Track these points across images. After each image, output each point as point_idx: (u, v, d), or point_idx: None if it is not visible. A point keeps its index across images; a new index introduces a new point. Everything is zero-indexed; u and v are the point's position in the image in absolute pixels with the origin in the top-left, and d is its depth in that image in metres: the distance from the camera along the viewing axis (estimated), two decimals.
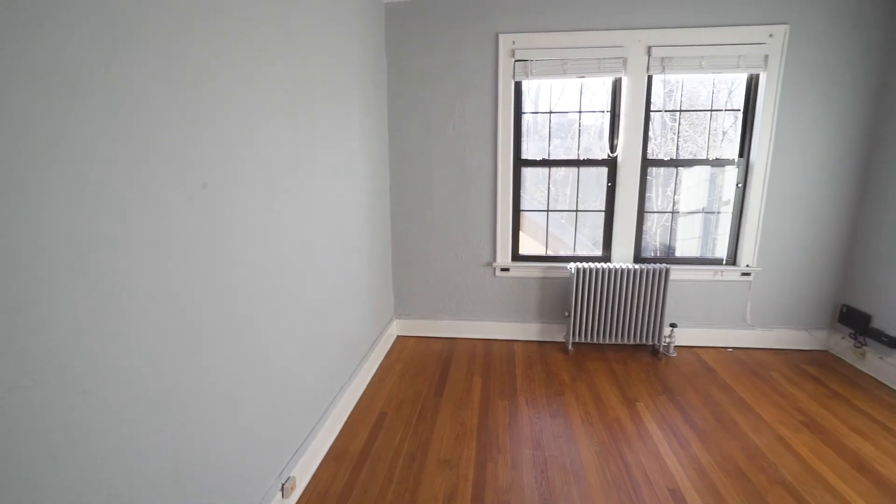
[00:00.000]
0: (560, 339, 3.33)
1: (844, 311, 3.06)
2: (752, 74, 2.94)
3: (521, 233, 3.33)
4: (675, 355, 3.12)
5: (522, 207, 3.28)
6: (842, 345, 3.08)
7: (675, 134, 3.18)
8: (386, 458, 2.08)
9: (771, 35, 2.81)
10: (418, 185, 3.24)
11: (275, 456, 1.68)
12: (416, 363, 3.03)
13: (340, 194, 2.31)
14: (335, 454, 2.11)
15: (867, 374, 2.85)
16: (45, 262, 0.84)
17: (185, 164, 1.18)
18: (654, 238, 3.33)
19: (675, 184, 3.22)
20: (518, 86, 3.08)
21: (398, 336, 3.46)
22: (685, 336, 3.25)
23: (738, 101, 3.04)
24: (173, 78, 1.14)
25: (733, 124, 3.09)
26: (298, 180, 1.83)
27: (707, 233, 3.31)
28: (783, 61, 2.84)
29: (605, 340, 3.13)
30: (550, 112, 3.18)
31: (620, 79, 2.99)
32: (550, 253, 3.34)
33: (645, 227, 3.25)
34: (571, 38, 2.91)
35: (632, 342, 3.12)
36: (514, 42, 2.95)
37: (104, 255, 0.96)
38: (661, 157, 3.14)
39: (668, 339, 3.14)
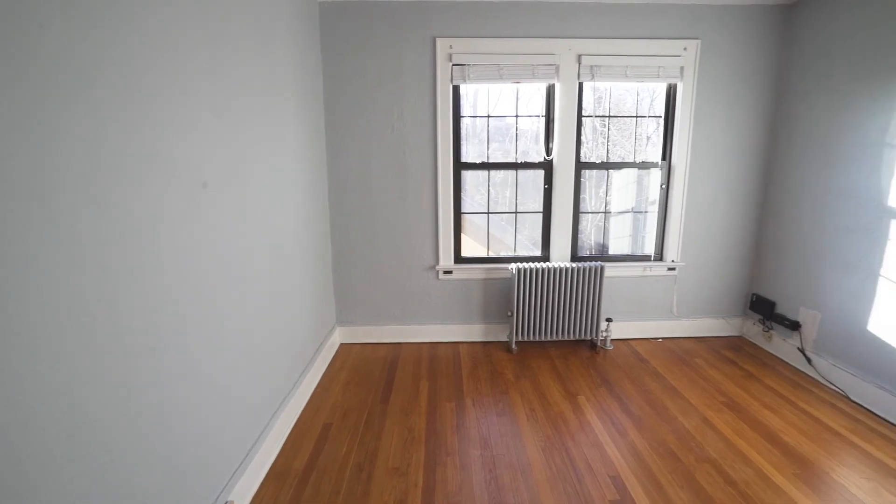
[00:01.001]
0: (504, 338, 3.40)
1: (754, 299, 3.37)
2: (670, 84, 3.18)
3: (462, 235, 3.36)
4: (611, 348, 3.29)
5: (463, 210, 3.31)
6: (753, 330, 3.39)
7: (605, 138, 3.36)
8: (332, 471, 2.01)
9: (685, 48, 3.05)
10: (358, 190, 3.17)
11: (211, 479, 1.57)
12: (361, 371, 2.96)
13: (276, 198, 2.20)
14: (278, 472, 2.01)
15: (774, 355, 3.16)
16: None
17: (96, 169, 1.07)
18: (590, 237, 3.49)
19: (607, 185, 3.41)
20: (456, 89, 3.11)
21: (342, 344, 3.36)
22: (620, 329, 3.43)
23: (660, 109, 3.27)
24: (81, 76, 1.03)
25: (656, 130, 3.32)
26: (231, 184, 1.72)
27: (636, 231, 3.53)
28: (696, 72, 3.09)
29: (546, 338, 3.23)
30: (489, 116, 3.24)
31: (554, 85, 3.11)
32: (492, 254, 3.41)
33: (580, 227, 3.40)
34: (507, 45, 2.99)
35: (572, 338, 3.25)
36: (451, 46, 2.98)
37: None
38: (593, 160, 3.31)
39: (604, 334, 3.30)
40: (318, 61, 2.94)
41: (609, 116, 3.33)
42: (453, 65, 3.01)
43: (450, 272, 3.30)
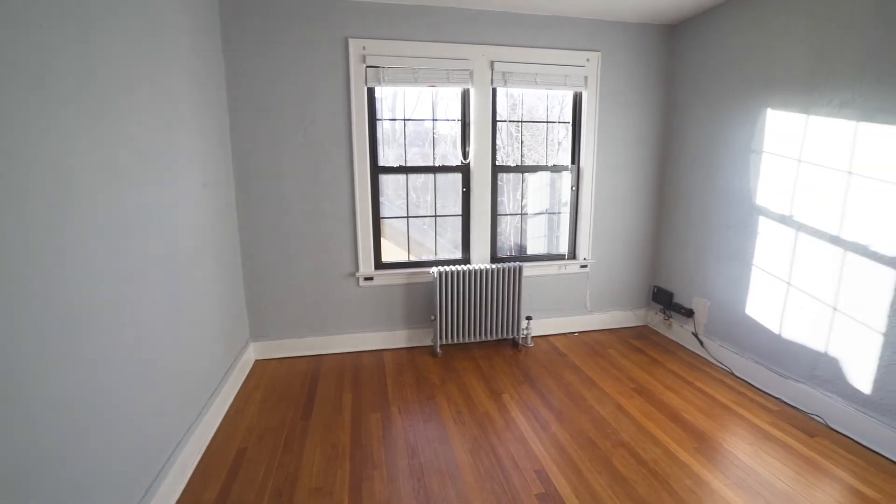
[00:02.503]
0: (428, 342, 3.38)
1: (655, 290, 3.69)
2: (576, 92, 3.38)
3: (385, 240, 3.30)
4: (532, 346, 3.40)
5: (383, 214, 3.25)
6: (655, 319, 3.71)
7: (519, 143, 3.49)
8: (247, 501, 1.85)
9: (588, 59, 3.26)
10: (270, 195, 2.98)
11: None
12: (280, 387, 2.77)
13: (173, 206, 1.99)
14: None
15: (674, 341, 3.48)
16: None
17: None
18: (509, 238, 3.60)
19: (523, 188, 3.54)
20: (371, 92, 3.05)
21: (257, 360, 3.13)
22: (540, 326, 3.57)
23: (569, 115, 3.46)
24: None
25: (566, 135, 3.51)
26: (111, 189, 1.52)
27: (551, 231, 3.70)
28: (599, 82, 3.32)
29: (470, 339, 3.27)
30: (405, 119, 3.22)
31: (469, 90, 3.17)
32: (414, 258, 3.38)
33: (500, 229, 3.49)
34: (422, 48, 2.99)
35: (495, 338, 3.32)
36: (364, 48, 2.91)
37: None
38: (509, 163, 3.42)
39: (525, 332, 3.41)
40: (220, 59, 2.72)
41: (522, 122, 3.46)
42: (367, 66, 2.94)
43: (370, 278, 3.21)
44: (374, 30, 2.92)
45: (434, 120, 3.26)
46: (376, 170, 3.15)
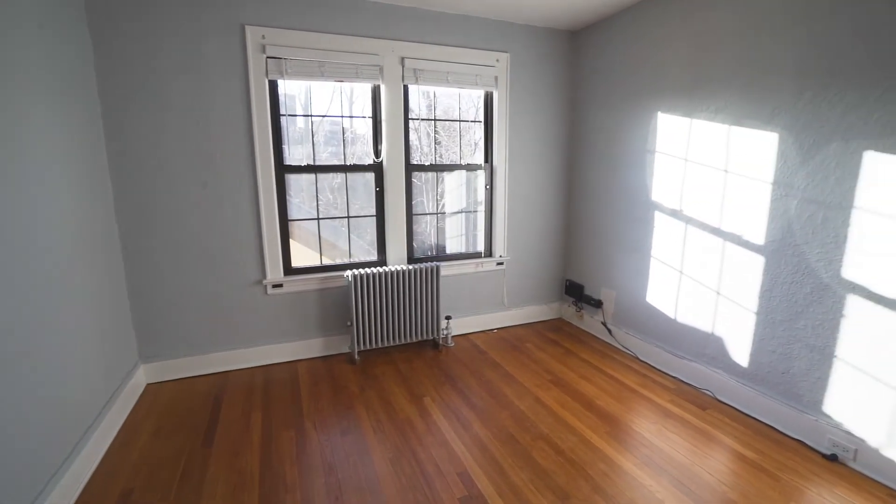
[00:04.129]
0: (346, 349, 3.23)
1: (568, 284, 3.87)
2: (488, 92, 3.42)
3: (297, 244, 3.09)
4: (453, 345, 3.39)
5: (292, 216, 3.04)
6: (568, 311, 3.89)
7: (436, 142, 3.46)
8: None
9: (498, 60, 3.32)
10: (158, 198, 2.64)
11: None
12: (176, 412, 2.47)
13: (19, 217, 1.66)
14: None
15: (586, 331, 3.66)
16: None
17: None
18: (428, 238, 3.55)
19: (440, 188, 3.51)
20: (273, 85, 2.83)
21: (148, 384, 2.77)
22: (460, 325, 3.57)
23: (482, 115, 3.50)
24: None
25: (482, 135, 3.54)
26: None
27: (469, 230, 3.72)
28: (508, 82, 3.39)
29: (389, 343, 3.17)
30: (312, 116, 3.04)
31: (379, 86, 3.07)
32: (327, 262, 3.20)
33: (418, 229, 3.43)
34: (328, 41, 2.83)
35: (415, 340, 3.26)
36: (263, 36, 2.69)
37: None
38: (425, 163, 3.37)
39: (445, 331, 3.39)
40: (85, 38, 2.35)
41: (434, 120, 3.43)
42: (268, 57, 2.72)
43: (280, 285, 2.99)
44: (274, 18, 2.71)
45: (346, 117, 3.11)
46: (282, 169, 2.93)
